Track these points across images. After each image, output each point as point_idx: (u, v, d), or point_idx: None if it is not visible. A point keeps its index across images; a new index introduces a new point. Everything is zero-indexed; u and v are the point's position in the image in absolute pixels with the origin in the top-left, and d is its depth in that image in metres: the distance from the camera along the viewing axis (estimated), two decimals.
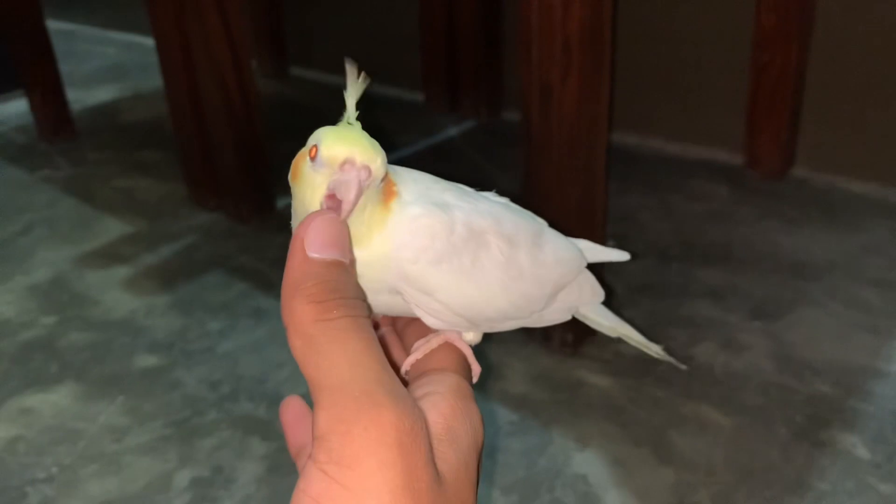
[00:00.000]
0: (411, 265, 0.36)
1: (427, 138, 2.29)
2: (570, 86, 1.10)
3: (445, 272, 0.37)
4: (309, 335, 0.28)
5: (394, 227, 0.36)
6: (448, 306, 0.37)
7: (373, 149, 0.34)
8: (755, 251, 1.60)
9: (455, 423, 0.30)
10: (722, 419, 1.17)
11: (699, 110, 2.01)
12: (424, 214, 0.36)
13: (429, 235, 0.36)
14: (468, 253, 0.38)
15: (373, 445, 0.26)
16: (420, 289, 0.36)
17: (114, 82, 3.00)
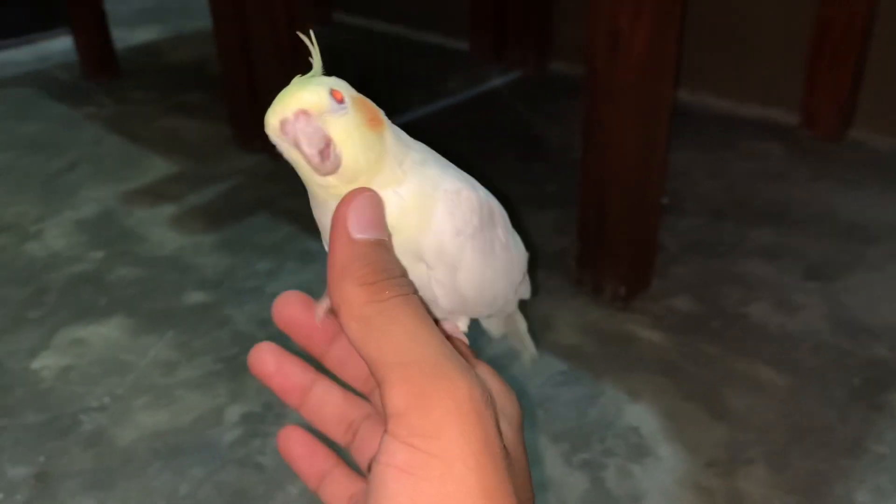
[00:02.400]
0: (453, 237, 0.35)
1: (471, 88, 2.26)
2: (639, 31, 1.07)
3: (476, 250, 0.36)
4: (365, 317, 0.28)
5: (425, 194, 0.34)
6: (462, 286, 0.36)
7: (297, 88, 0.32)
8: (810, 212, 1.56)
9: (504, 401, 0.31)
10: (776, 378, 1.15)
11: (755, 66, 1.95)
12: (465, 188, 0.35)
13: (470, 210, 0.35)
14: (488, 233, 0.37)
15: (453, 415, 0.26)
16: (449, 264, 0.35)
17: (156, 23, 2.98)
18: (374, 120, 0.33)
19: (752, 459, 1.02)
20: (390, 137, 0.34)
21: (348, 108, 0.32)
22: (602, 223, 1.25)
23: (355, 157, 0.32)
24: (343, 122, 0.32)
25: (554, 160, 1.82)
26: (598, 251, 1.28)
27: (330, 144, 0.31)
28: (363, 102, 0.33)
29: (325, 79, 0.33)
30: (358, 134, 0.32)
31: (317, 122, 0.31)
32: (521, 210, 1.61)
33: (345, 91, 0.33)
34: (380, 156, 0.33)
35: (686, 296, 1.33)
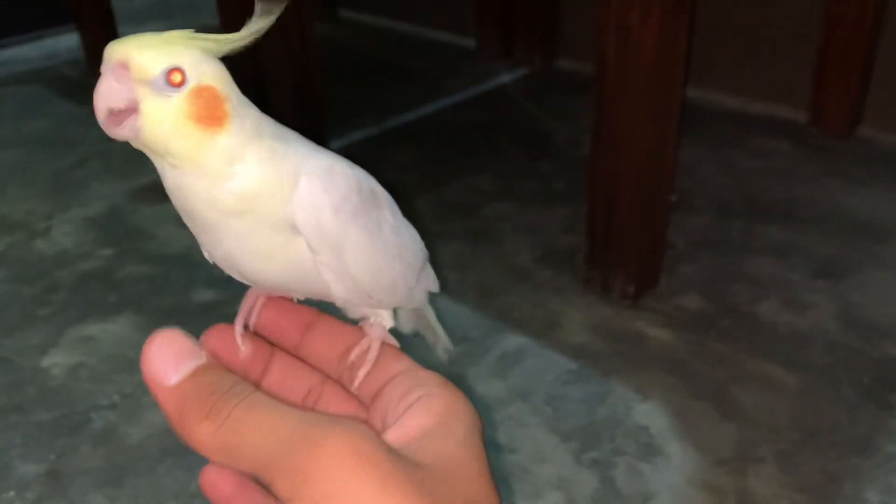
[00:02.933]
0: (333, 215, 0.33)
1: (478, 85, 2.25)
2: (650, 26, 1.06)
3: (361, 228, 0.35)
4: (220, 445, 0.28)
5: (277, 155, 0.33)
6: (353, 268, 0.35)
7: (140, 45, 0.30)
8: (819, 210, 1.56)
9: (449, 417, 0.30)
10: (786, 377, 1.15)
11: (763, 64, 1.94)
12: (338, 166, 0.34)
13: (347, 186, 0.34)
14: (373, 213, 0.36)
15: (337, 469, 0.26)
16: (333, 245, 0.34)
17: (162, 19, 2.98)
18: (206, 118, 0.31)
19: (762, 458, 1.02)
20: (230, 137, 0.32)
21: (179, 95, 0.30)
22: (611, 221, 1.24)
23: (156, 140, 0.31)
24: (159, 104, 0.30)
25: (562, 157, 1.82)
26: (607, 249, 1.28)
27: (134, 113, 0.30)
28: (207, 96, 0.31)
29: (186, 51, 0.31)
30: (171, 122, 0.30)
31: (129, 83, 0.30)
32: (529, 208, 1.61)
33: (195, 75, 0.31)
34: (197, 149, 0.31)
35: (695, 294, 1.32)
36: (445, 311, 1.32)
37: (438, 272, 1.51)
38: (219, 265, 0.36)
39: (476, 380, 1.17)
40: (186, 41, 0.31)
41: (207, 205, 0.32)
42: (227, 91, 0.32)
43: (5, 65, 2.59)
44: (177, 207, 0.34)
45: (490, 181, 1.72)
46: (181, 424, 0.28)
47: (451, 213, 1.61)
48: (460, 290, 1.37)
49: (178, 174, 0.32)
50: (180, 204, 0.33)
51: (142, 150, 0.32)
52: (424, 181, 1.74)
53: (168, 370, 0.29)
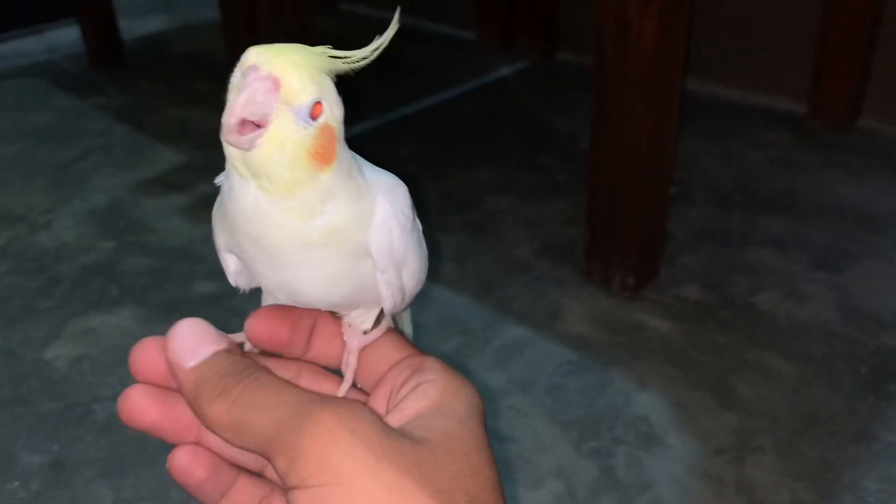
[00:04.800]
0: (400, 235, 0.34)
1: (478, 78, 2.25)
2: (649, 19, 1.07)
3: (414, 243, 0.36)
4: (229, 423, 0.29)
5: (362, 191, 0.33)
6: (406, 281, 0.36)
7: (296, 65, 0.29)
8: (818, 201, 1.56)
9: (446, 399, 0.30)
10: (785, 367, 1.16)
11: (763, 55, 1.94)
12: (398, 184, 0.35)
13: (406, 203, 0.35)
14: (415, 223, 0.37)
15: (329, 445, 0.27)
16: (398, 262, 0.35)
17: (163, 13, 2.98)
18: (321, 156, 0.30)
19: (761, 447, 1.03)
20: (331, 177, 0.31)
21: (312, 129, 0.30)
22: (611, 213, 1.25)
23: (268, 162, 0.30)
24: (292, 131, 0.29)
25: (562, 150, 1.82)
26: (607, 241, 1.28)
27: (262, 128, 0.29)
28: (329, 136, 0.31)
29: (329, 85, 0.31)
30: (292, 151, 0.30)
31: (274, 101, 0.29)
32: (529, 200, 1.62)
33: (328, 114, 0.30)
34: (298, 183, 0.30)
35: (694, 285, 1.33)
36: (446, 302, 1.32)
37: (440, 265, 1.53)
38: (264, 287, 0.36)
39: (477, 371, 1.17)
40: (330, 65, 0.31)
41: (287, 236, 0.31)
42: (340, 131, 0.32)
43: (6, 58, 2.59)
44: (237, 230, 0.33)
45: (490, 174, 1.72)
46: (196, 404, 0.30)
47: (451, 206, 1.61)
48: (461, 282, 1.37)
49: (263, 199, 0.31)
50: (251, 229, 0.32)
51: (232, 161, 0.31)
52: (425, 174, 1.74)
53: (188, 354, 0.30)
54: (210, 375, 0.30)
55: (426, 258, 0.38)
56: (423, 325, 1.28)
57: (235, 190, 0.31)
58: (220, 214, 0.34)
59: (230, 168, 0.31)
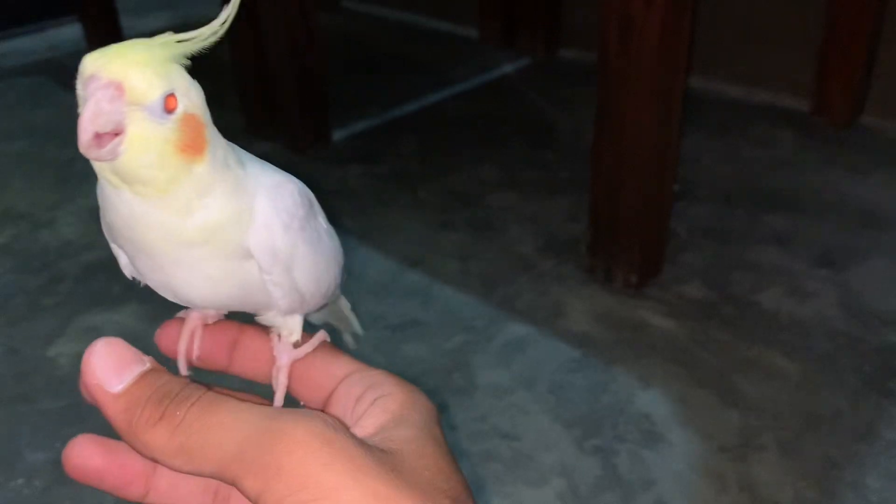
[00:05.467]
0: (283, 234, 0.33)
1: (481, 75, 2.25)
2: (653, 17, 1.07)
3: (307, 243, 0.35)
4: (178, 447, 0.27)
5: (241, 183, 0.32)
6: (300, 282, 0.35)
7: (136, 63, 0.28)
8: (821, 199, 1.56)
9: (405, 411, 0.30)
10: (788, 365, 1.16)
11: (766, 52, 1.94)
12: (285, 181, 0.34)
13: (293, 202, 0.34)
14: (313, 222, 0.36)
15: (308, 461, 0.25)
16: (284, 262, 0.33)
17: (165, 10, 2.98)
18: (189, 147, 0.29)
19: (764, 445, 1.03)
20: (206, 167, 0.30)
21: (170, 123, 0.29)
22: (614, 210, 1.25)
23: (136, 167, 0.28)
24: (151, 130, 0.28)
25: (565, 147, 1.82)
26: (610, 238, 1.28)
27: (119, 136, 0.28)
28: (193, 124, 0.29)
29: (178, 73, 0.29)
30: (157, 150, 0.28)
31: (122, 106, 0.27)
32: (532, 197, 1.61)
33: (184, 101, 0.29)
34: (172, 180, 0.29)
35: (697, 283, 1.33)
36: (449, 300, 1.32)
37: (442, 262, 1.52)
38: (149, 284, 0.35)
39: (480, 368, 1.17)
40: (174, 52, 0.29)
41: (165, 236, 0.31)
42: (206, 118, 0.30)
43: (8, 56, 2.60)
44: (117, 234, 0.32)
45: (493, 171, 1.72)
46: (131, 432, 0.27)
47: (454, 203, 1.61)
48: (464, 279, 1.37)
49: (138, 203, 0.30)
50: (130, 233, 0.31)
51: (102, 173, 0.29)
52: (427, 171, 1.74)
53: (111, 377, 0.28)
54: (144, 399, 0.28)
55: (332, 257, 0.37)
56: (425, 323, 1.28)
57: (110, 199, 0.30)
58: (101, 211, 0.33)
59: (101, 179, 0.30)
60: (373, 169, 1.77)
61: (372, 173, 1.75)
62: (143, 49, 0.28)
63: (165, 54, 0.29)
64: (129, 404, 0.28)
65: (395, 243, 1.48)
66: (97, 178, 0.31)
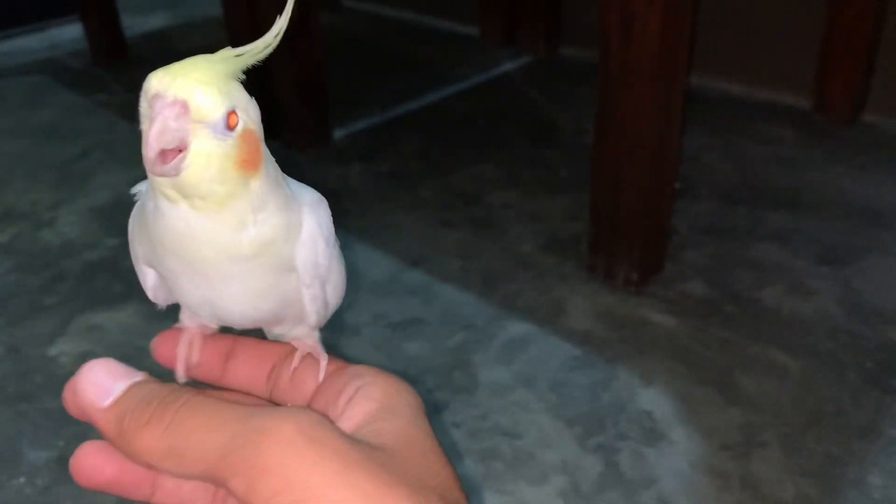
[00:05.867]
0: (325, 249, 0.34)
1: (482, 73, 2.25)
2: (654, 14, 1.06)
3: (336, 257, 0.36)
4: (166, 450, 0.27)
5: (289, 201, 0.32)
6: (330, 295, 0.36)
7: (200, 82, 0.28)
8: (823, 196, 1.56)
9: (391, 400, 0.30)
10: (790, 362, 1.15)
11: (767, 50, 1.94)
12: (320, 198, 0.35)
13: (328, 220, 0.34)
14: (337, 242, 0.36)
15: (294, 459, 0.25)
16: (323, 276, 0.34)
17: (166, 10, 2.98)
18: (247, 162, 0.30)
19: (766, 443, 1.03)
20: (261, 182, 0.31)
21: (231, 139, 0.29)
22: (615, 208, 1.25)
23: (198, 183, 0.29)
24: (213, 147, 0.29)
25: (566, 145, 1.82)
26: (611, 236, 1.28)
27: (182, 153, 0.28)
28: (251, 140, 0.30)
29: (238, 91, 0.30)
30: (218, 165, 0.29)
31: (187, 124, 0.28)
32: (533, 195, 1.61)
33: (244, 119, 0.29)
34: (231, 195, 0.30)
35: (699, 280, 1.33)
36: (450, 298, 1.32)
37: (443, 260, 1.52)
38: (185, 304, 0.35)
39: (481, 366, 1.17)
40: (233, 68, 0.30)
41: (220, 249, 0.31)
42: (261, 134, 0.31)
43: (9, 55, 2.60)
44: (166, 251, 0.32)
45: (494, 169, 1.72)
46: (122, 438, 0.28)
47: (455, 202, 1.61)
48: (465, 277, 1.37)
49: (195, 217, 0.30)
50: (182, 249, 0.31)
51: (161, 188, 0.30)
52: (428, 170, 1.74)
53: (101, 393, 0.29)
54: (133, 405, 0.28)
55: (345, 273, 0.38)
56: (426, 321, 1.28)
57: (165, 213, 0.30)
58: (140, 229, 0.33)
59: (157, 194, 0.30)
60: (374, 167, 1.77)
61: (373, 172, 1.75)
62: (206, 67, 0.29)
63: (226, 71, 0.30)
64: (119, 414, 0.28)
65: (396, 242, 1.48)
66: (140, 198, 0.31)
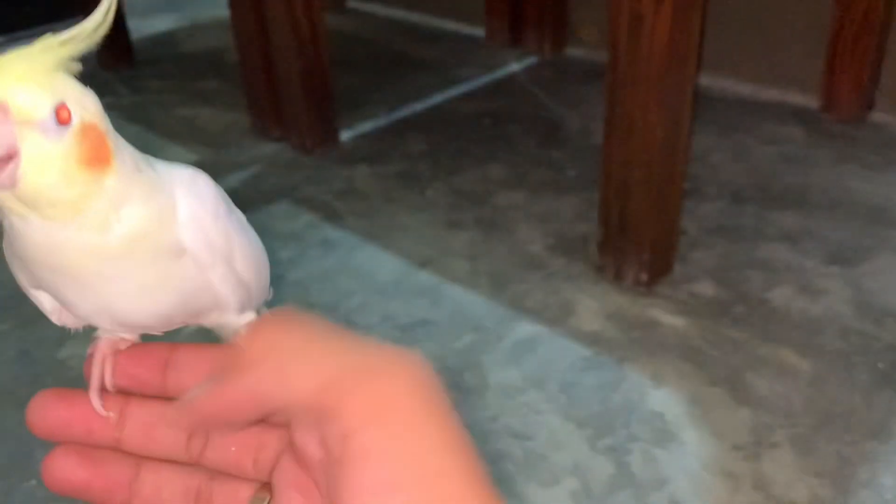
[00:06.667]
0: (214, 223, 0.31)
1: (487, 74, 2.25)
2: (663, 14, 1.06)
3: (236, 229, 0.33)
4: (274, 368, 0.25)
5: (156, 186, 0.30)
6: (242, 272, 0.33)
7: (16, 78, 0.25)
8: (832, 196, 1.56)
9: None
10: (801, 363, 1.15)
11: (775, 49, 1.93)
12: (198, 173, 0.33)
13: (213, 194, 0.32)
14: (233, 213, 0.34)
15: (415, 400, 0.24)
16: (224, 254, 0.32)
17: (171, 12, 2.99)
18: (94, 159, 0.27)
19: (778, 443, 1.03)
20: (117, 177, 0.28)
21: (67, 137, 0.26)
22: (624, 208, 1.25)
23: (38, 190, 0.26)
24: (48, 148, 0.26)
25: (573, 145, 1.81)
26: (620, 237, 1.28)
27: (14, 159, 0.25)
28: (93, 135, 0.27)
29: (65, 82, 0.27)
30: (60, 167, 0.26)
31: (10, 127, 0.25)
32: (541, 196, 1.61)
33: (78, 111, 0.27)
34: (84, 197, 0.27)
35: (708, 281, 1.32)
36: (458, 299, 1.32)
37: (451, 261, 1.52)
38: (82, 318, 0.33)
39: (491, 367, 1.17)
40: (58, 57, 0.27)
41: (88, 256, 0.29)
42: (106, 125, 0.28)
43: None
44: (37, 269, 0.30)
45: (501, 170, 1.72)
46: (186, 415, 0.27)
47: (462, 203, 1.61)
48: (473, 278, 1.37)
49: (52, 228, 0.28)
50: (51, 262, 0.29)
51: (4, 203, 0.27)
52: (435, 171, 1.74)
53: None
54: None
55: (259, 246, 0.36)
56: (435, 322, 1.28)
57: (18, 229, 0.28)
58: (12, 252, 0.31)
59: (4, 211, 0.28)
60: (380, 169, 1.77)
61: (379, 173, 1.75)
62: (21, 61, 0.26)
63: (48, 62, 0.27)
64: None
65: (403, 243, 1.48)
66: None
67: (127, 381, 0.32)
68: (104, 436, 0.31)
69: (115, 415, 0.31)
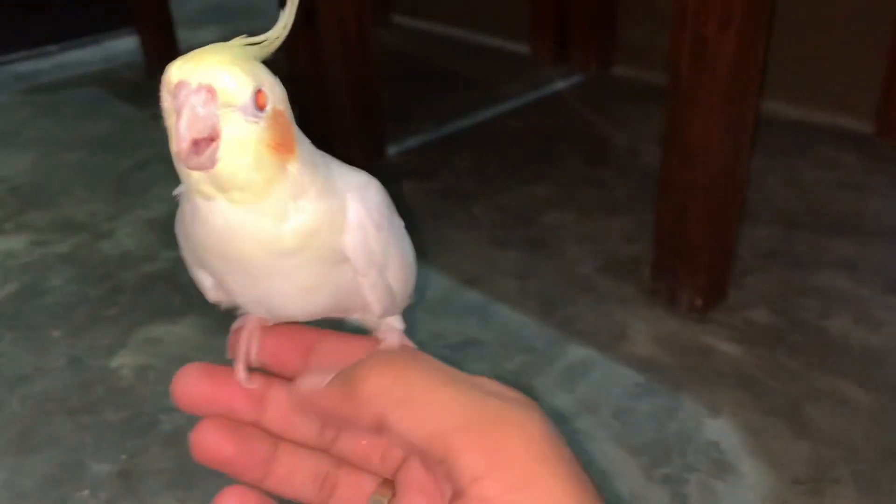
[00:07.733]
0: (377, 235, 0.32)
1: (532, 91, 2.24)
2: (727, 38, 1.05)
3: (394, 242, 0.34)
4: (399, 399, 0.26)
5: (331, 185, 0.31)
6: (392, 282, 0.34)
7: (222, 64, 0.27)
8: (888, 223, 1.52)
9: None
10: (861, 395, 1.12)
11: (828, 73, 1.90)
12: (370, 179, 0.33)
13: (380, 202, 0.33)
14: (395, 220, 0.35)
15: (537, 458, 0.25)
16: (379, 264, 0.33)
17: (220, 23, 3.02)
18: (282, 145, 0.28)
19: (840, 478, 1.00)
20: (297, 165, 0.29)
21: (262, 120, 0.28)
22: (681, 232, 1.23)
23: (235, 171, 0.28)
24: (246, 130, 0.27)
25: (622, 165, 1.80)
26: (676, 261, 1.26)
27: (214, 141, 0.27)
28: (282, 121, 0.29)
29: (261, 71, 0.28)
30: (254, 150, 0.28)
31: (215, 109, 0.27)
32: (589, 216, 1.60)
33: (272, 98, 0.28)
34: (269, 181, 0.28)
35: (763, 308, 1.30)
36: (507, 320, 1.31)
37: (499, 280, 1.51)
38: (240, 303, 0.34)
39: (543, 391, 1.16)
40: (251, 51, 0.29)
41: (261, 245, 0.29)
42: (290, 114, 0.30)
43: (65, 68, 2.65)
44: (209, 252, 0.31)
45: (548, 188, 1.71)
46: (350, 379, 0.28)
47: (509, 221, 1.60)
48: (522, 299, 1.36)
49: (233, 212, 0.29)
50: (224, 247, 0.30)
51: (196, 185, 0.29)
52: (482, 188, 1.74)
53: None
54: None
55: (411, 255, 0.36)
56: (484, 343, 1.26)
57: (202, 212, 0.29)
58: (184, 232, 0.32)
59: (192, 191, 0.29)
60: (427, 185, 1.77)
61: (426, 189, 1.75)
62: (225, 50, 0.28)
63: (247, 53, 0.29)
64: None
65: (450, 260, 1.47)
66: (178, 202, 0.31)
67: (270, 359, 0.33)
68: (246, 413, 0.32)
69: (259, 387, 0.33)
